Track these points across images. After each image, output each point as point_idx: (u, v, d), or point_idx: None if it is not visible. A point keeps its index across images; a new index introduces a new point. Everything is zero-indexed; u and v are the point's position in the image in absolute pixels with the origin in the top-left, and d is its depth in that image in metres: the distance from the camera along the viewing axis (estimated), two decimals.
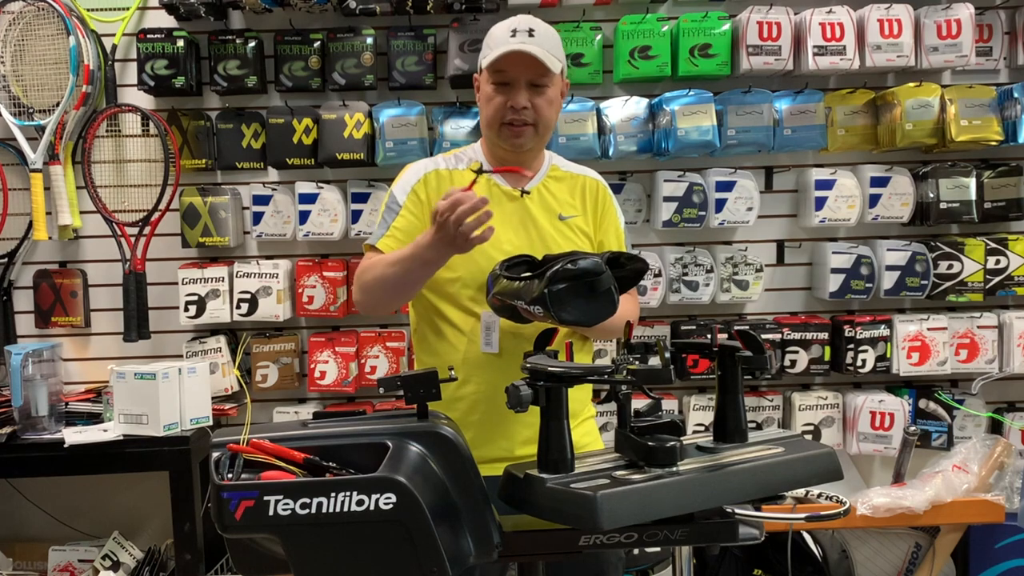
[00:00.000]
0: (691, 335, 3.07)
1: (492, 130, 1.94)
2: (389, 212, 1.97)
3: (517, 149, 1.94)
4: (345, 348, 3.10)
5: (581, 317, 1.62)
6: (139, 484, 3.23)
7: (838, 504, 1.57)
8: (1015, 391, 3.25)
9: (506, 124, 1.91)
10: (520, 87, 1.89)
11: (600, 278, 1.59)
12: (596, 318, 1.62)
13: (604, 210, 2.04)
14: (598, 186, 2.06)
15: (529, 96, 1.89)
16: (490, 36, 1.94)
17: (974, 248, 3.09)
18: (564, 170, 2.05)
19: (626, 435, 1.46)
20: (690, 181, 3.05)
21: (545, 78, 1.90)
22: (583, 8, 3.10)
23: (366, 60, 3.05)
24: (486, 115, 1.94)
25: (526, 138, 1.92)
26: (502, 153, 1.96)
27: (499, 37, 1.90)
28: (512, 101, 1.89)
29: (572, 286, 1.59)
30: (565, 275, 1.59)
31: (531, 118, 1.90)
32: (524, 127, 1.90)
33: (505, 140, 1.93)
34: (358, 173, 3.14)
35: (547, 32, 1.92)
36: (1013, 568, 2.94)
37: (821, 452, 1.54)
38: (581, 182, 2.04)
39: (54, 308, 3.19)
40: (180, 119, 3.12)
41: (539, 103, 1.90)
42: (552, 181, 2.01)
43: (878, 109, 3.09)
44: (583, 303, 1.60)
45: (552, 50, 1.90)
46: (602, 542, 1.41)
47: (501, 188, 1.96)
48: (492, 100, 1.91)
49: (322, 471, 1.32)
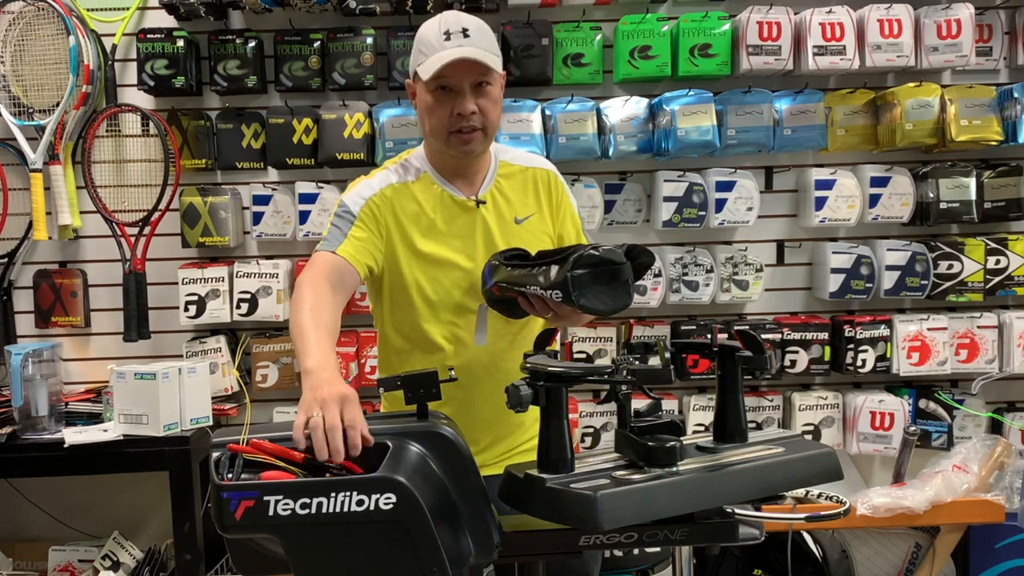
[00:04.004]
0: (691, 335, 3.07)
1: (439, 140, 1.86)
2: (342, 220, 1.86)
3: (467, 156, 1.88)
4: (345, 348, 3.10)
5: (599, 304, 1.59)
6: (139, 484, 3.23)
7: (838, 504, 1.57)
8: (1015, 391, 3.25)
9: (454, 132, 1.82)
10: (465, 93, 1.79)
11: (622, 267, 1.58)
12: (613, 307, 1.60)
13: (559, 201, 1.99)
14: (549, 176, 2.00)
15: (474, 99, 1.81)
16: (420, 40, 1.82)
17: (974, 248, 3.09)
18: (513, 164, 1.99)
19: (626, 435, 1.46)
20: (690, 181, 3.05)
21: (488, 78, 1.82)
22: (583, 8, 3.10)
23: (366, 60, 3.05)
24: (431, 125, 1.84)
25: (476, 143, 1.85)
26: (451, 161, 1.90)
27: (431, 42, 1.79)
28: (459, 108, 1.80)
29: (593, 273, 1.57)
30: (589, 260, 1.57)
31: (479, 123, 1.82)
32: (473, 133, 1.83)
33: (455, 148, 1.85)
34: (358, 173, 3.09)
35: (480, 28, 1.82)
36: (1013, 568, 2.94)
37: (821, 452, 1.54)
38: (532, 175, 1.98)
39: (54, 308, 3.19)
40: (180, 119, 3.12)
41: (485, 105, 1.82)
42: (503, 180, 1.95)
43: (878, 109, 3.09)
44: (602, 291, 1.59)
45: (490, 47, 1.81)
46: (602, 542, 1.41)
47: (454, 199, 1.90)
48: (436, 110, 1.82)
49: (322, 471, 1.32)
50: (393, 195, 1.90)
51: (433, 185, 1.91)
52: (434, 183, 1.91)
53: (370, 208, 1.88)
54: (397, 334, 1.95)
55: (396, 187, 1.91)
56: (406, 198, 1.90)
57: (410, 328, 1.92)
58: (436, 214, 1.89)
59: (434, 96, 1.82)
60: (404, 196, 1.90)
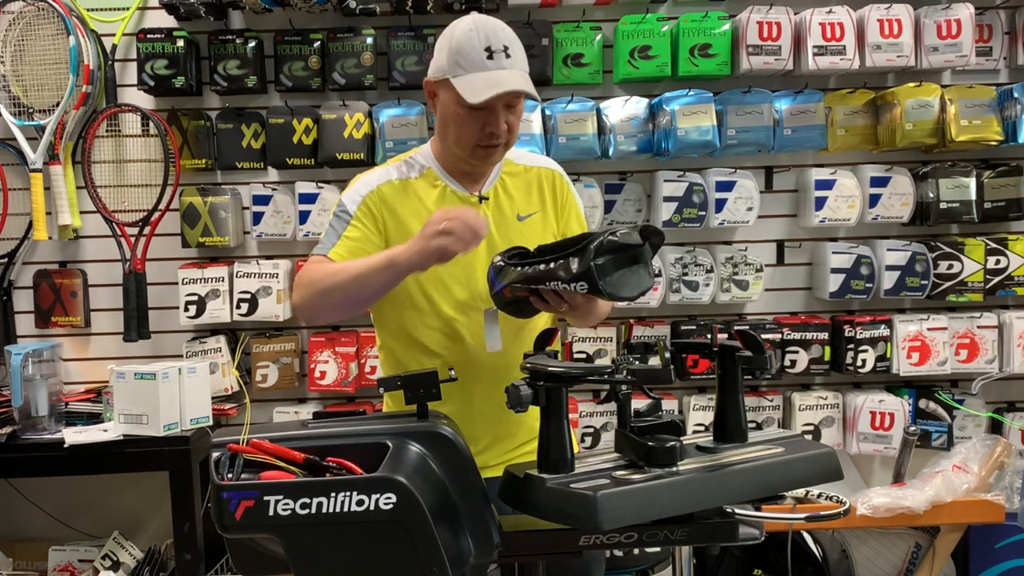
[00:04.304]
0: (691, 335, 3.07)
1: (463, 151, 1.85)
2: (338, 221, 1.88)
3: (486, 166, 1.89)
4: (345, 348, 3.10)
5: (624, 291, 1.57)
6: (139, 484, 3.23)
7: (838, 504, 1.57)
8: (1015, 391, 3.25)
9: (480, 146, 1.82)
10: (498, 112, 1.79)
11: (642, 249, 1.56)
12: (638, 290, 1.58)
13: (564, 200, 1.99)
14: (554, 176, 1.99)
15: (505, 117, 1.81)
16: (458, 51, 1.77)
17: (974, 248, 3.09)
18: (518, 163, 1.98)
19: (626, 435, 1.46)
20: (690, 181, 3.05)
21: (520, 98, 1.83)
22: (583, 8, 3.10)
23: (366, 60, 3.05)
24: (457, 136, 1.83)
25: (498, 155, 1.87)
26: (466, 167, 1.90)
27: (472, 57, 1.76)
28: (491, 127, 1.79)
29: (615, 259, 1.55)
30: (610, 247, 1.54)
31: (506, 139, 1.83)
32: (498, 147, 1.84)
33: (477, 159, 1.86)
34: (358, 173, 3.13)
35: (516, 43, 1.81)
36: (1013, 568, 2.94)
37: (821, 452, 1.54)
38: (536, 175, 1.98)
39: (54, 308, 3.19)
40: (180, 119, 3.12)
41: (513, 122, 1.83)
42: (507, 178, 1.95)
43: (878, 109, 3.09)
44: (626, 276, 1.56)
45: (526, 66, 1.81)
46: (602, 542, 1.41)
47: (457, 194, 1.90)
48: (467, 124, 1.81)
49: (322, 471, 1.32)
50: (391, 192, 1.90)
51: (437, 181, 1.91)
52: (438, 179, 1.91)
53: (367, 205, 1.89)
54: (396, 329, 1.94)
55: (395, 183, 1.91)
56: (406, 194, 1.90)
57: (409, 324, 1.91)
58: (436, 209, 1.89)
59: (467, 111, 1.79)
60: (404, 192, 1.90)
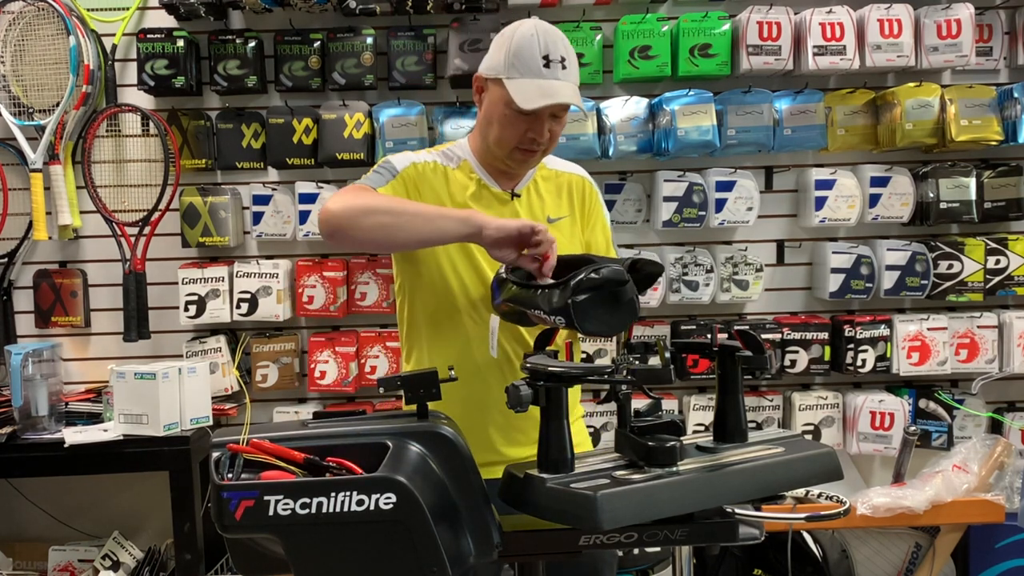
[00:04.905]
0: (691, 335, 3.07)
1: (503, 150, 1.87)
2: (384, 170, 1.90)
3: (521, 168, 1.92)
4: (345, 348, 3.10)
5: (604, 328, 1.57)
6: (139, 484, 3.23)
7: (838, 504, 1.57)
8: (1015, 391, 3.25)
9: (520, 149, 1.86)
10: (543, 119, 1.83)
11: (624, 287, 1.55)
12: (619, 327, 1.58)
13: (591, 208, 2.01)
14: (584, 183, 2.02)
15: (549, 125, 1.84)
16: (516, 53, 1.80)
17: (974, 248, 3.09)
18: (550, 168, 2.01)
19: (626, 435, 1.46)
20: (690, 181, 3.05)
21: (567, 110, 1.87)
22: (583, 8, 3.10)
23: (366, 60, 3.05)
24: (499, 136, 1.84)
25: (534, 161, 1.90)
26: (502, 166, 1.92)
27: (528, 63, 1.79)
28: (534, 133, 1.82)
29: (595, 296, 1.54)
30: (589, 285, 1.54)
31: (546, 146, 1.87)
32: (536, 152, 1.87)
33: (514, 161, 1.88)
34: (358, 173, 3.07)
35: (573, 55, 1.85)
36: (1013, 568, 2.94)
37: (821, 452, 1.54)
38: (567, 180, 2.00)
39: (54, 308, 3.19)
40: (180, 119, 3.12)
41: (556, 130, 1.87)
42: (540, 181, 1.98)
43: (878, 109, 3.09)
44: (606, 312, 1.56)
45: (577, 80, 1.85)
46: (602, 542, 1.41)
47: (491, 191, 1.92)
48: (512, 125, 1.82)
49: (322, 471, 1.32)
50: (433, 174, 1.91)
51: (472, 174, 1.92)
52: (473, 172, 1.93)
53: (415, 170, 1.90)
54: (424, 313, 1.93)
55: (438, 167, 1.92)
56: (446, 180, 1.91)
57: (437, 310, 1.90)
58: (471, 201, 1.90)
59: (513, 112, 1.81)
60: (444, 178, 1.92)
